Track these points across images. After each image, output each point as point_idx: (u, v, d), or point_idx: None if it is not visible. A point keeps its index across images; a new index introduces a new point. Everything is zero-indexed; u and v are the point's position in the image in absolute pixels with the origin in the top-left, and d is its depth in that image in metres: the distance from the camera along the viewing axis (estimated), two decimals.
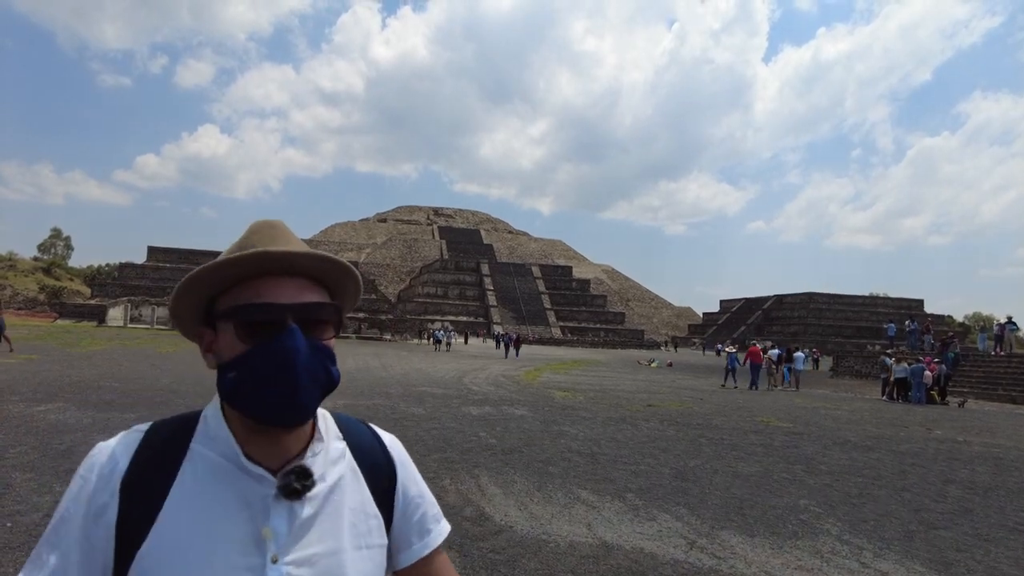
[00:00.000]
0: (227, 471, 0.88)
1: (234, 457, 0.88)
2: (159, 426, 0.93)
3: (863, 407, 17.51)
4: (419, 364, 25.38)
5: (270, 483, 0.88)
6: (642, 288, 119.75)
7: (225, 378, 0.87)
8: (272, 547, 0.85)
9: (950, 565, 4.89)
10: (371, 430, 1.09)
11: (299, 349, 0.85)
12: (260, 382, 0.85)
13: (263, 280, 0.88)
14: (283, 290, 0.88)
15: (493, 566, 4.34)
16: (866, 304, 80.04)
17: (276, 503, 0.87)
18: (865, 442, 10.70)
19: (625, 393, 17.76)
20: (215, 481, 0.87)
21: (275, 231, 0.93)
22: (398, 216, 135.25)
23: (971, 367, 26.54)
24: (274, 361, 0.85)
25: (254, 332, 0.86)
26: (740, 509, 6.10)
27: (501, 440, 9.01)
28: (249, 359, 0.85)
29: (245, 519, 0.86)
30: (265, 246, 0.88)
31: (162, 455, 0.89)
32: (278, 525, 0.87)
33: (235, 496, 0.87)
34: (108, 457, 0.88)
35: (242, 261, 0.86)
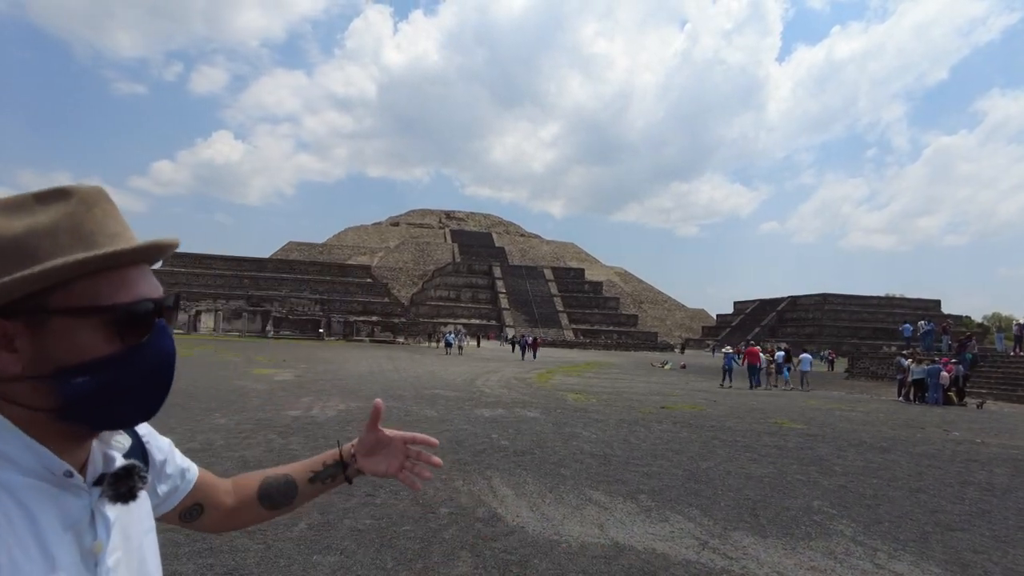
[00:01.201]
0: (42, 492, 0.74)
1: (47, 474, 0.74)
2: None
3: (879, 408, 17.33)
4: (431, 367, 25.46)
5: (85, 492, 0.78)
6: (655, 290, 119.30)
7: (68, 384, 0.73)
8: (103, 559, 0.77)
9: (967, 567, 4.84)
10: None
11: (171, 348, 0.81)
12: (136, 386, 0.77)
13: (128, 271, 0.78)
14: (148, 281, 0.79)
15: (505, 566, 4.36)
16: (881, 305, 79.16)
17: (98, 512, 0.79)
18: (881, 443, 10.60)
19: (638, 395, 17.71)
20: (37, 506, 0.72)
21: (114, 207, 0.81)
22: (410, 220, 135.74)
23: (989, 368, 26.17)
24: (157, 363, 0.78)
25: (132, 331, 0.76)
26: (753, 510, 6.08)
27: (513, 442, 9.02)
28: (122, 361, 0.75)
29: (71, 540, 0.75)
30: (119, 230, 0.78)
31: None
32: (103, 534, 0.78)
33: (58, 518, 0.74)
34: None
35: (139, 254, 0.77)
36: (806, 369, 25.43)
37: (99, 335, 0.74)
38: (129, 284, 0.76)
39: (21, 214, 0.74)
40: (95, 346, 0.74)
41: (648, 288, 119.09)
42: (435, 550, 4.59)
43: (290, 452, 7.63)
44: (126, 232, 0.79)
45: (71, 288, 0.73)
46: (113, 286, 0.75)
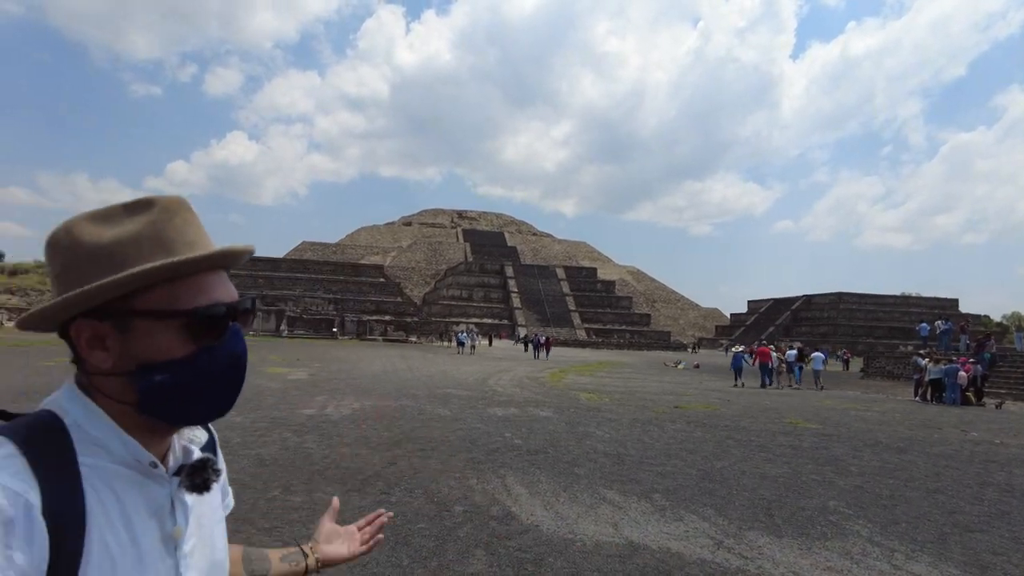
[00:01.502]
0: (130, 479, 0.81)
1: (135, 464, 0.81)
2: (27, 442, 0.75)
3: (895, 408, 17.15)
4: (444, 366, 25.52)
5: (169, 482, 0.85)
6: (668, 289, 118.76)
7: (149, 381, 0.79)
8: (182, 543, 0.85)
9: (986, 568, 4.80)
10: None
11: (245, 349, 0.87)
12: (208, 385, 0.83)
13: (208, 276, 0.84)
14: (223, 286, 0.85)
15: (520, 564, 4.37)
16: (897, 304, 78.31)
17: (178, 500, 0.86)
18: (897, 443, 10.50)
19: (651, 395, 17.66)
20: (125, 491, 0.80)
21: (194, 216, 0.87)
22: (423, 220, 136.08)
23: (1009, 367, 25.81)
24: (228, 364, 0.84)
25: (206, 332, 0.82)
26: (768, 510, 6.05)
27: (526, 441, 9.04)
28: (196, 361, 0.81)
29: (155, 523, 0.82)
30: (197, 238, 0.84)
31: (58, 474, 0.74)
32: (182, 521, 0.86)
33: (145, 504, 0.81)
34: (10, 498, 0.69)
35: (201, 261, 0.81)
36: (819, 368, 25.28)
37: (176, 336, 0.81)
38: (205, 289, 0.83)
39: (110, 224, 0.82)
40: (172, 347, 0.80)
41: (661, 287, 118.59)
42: (450, 548, 4.62)
43: (305, 450, 7.69)
44: (203, 239, 0.85)
45: (153, 292, 0.80)
46: (190, 291, 0.81)
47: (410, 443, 8.44)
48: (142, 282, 0.78)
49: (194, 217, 0.87)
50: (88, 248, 0.80)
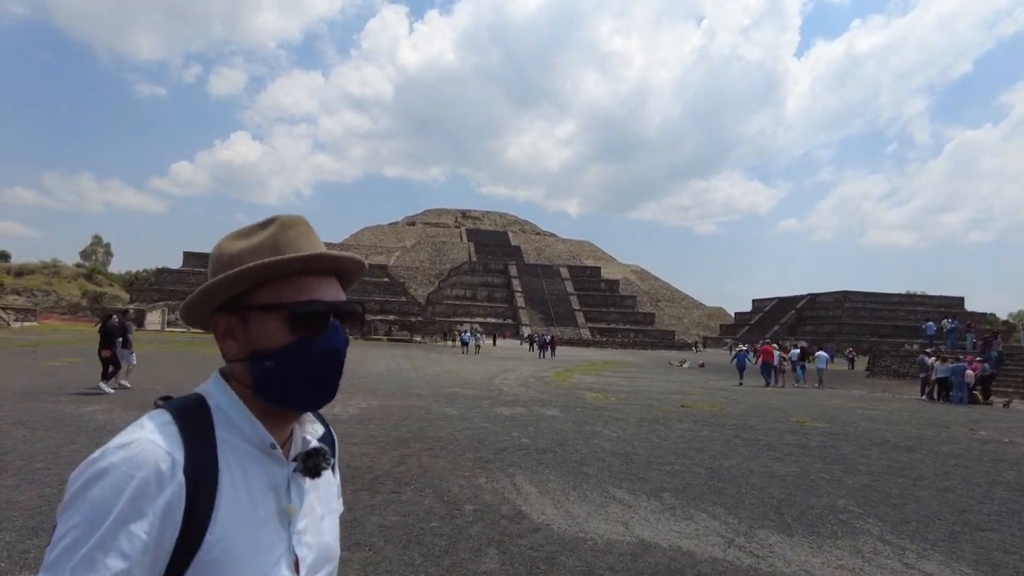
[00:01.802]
0: (254, 456, 0.95)
1: (262, 444, 0.96)
2: (178, 415, 0.93)
3: (902, 407, 17.11)
4: (449, 365, 25.55)
5: (286, 463, 0.99)
6: (672, 288, 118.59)
7: (260, 366, 0.95)
8: (295, 520, 0.97)
9: (998, 567, 4.79)
10: (319, 413, 1.22)
11: (342, 343, 0.99)
12: (306, 372, 0.95)
13: (309, 278, 0.98)
14: (327, 289, 1.00)
15: (533, 563, 4.38)
16: (902, 303, 78.02)
17: (294, 482, 0.99)
18: (905, 442, 10.48)
19: (657, 394, 17.66)
20: (250, 466, 0.95)
21: (308, 229, 1.02)
22: (426, 219, 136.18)
23: (1016, 366, 25.71)
24: (323, 355, 0.96)
25: (305, 326, 0.96)
26: (777, 509, 6.05)
27: (534, 440, 9.05)
28: (295, 350, 0.95)
29: (272, 499, 0.95)
30: (307, 247, 0.98)
31: (202, 445, 0.91)
32: (296, 500, 0.99)
33: (265, 479, 0.95)
34: (160, 453, 0.85)
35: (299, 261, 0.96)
36: (822, 367, 25.38)
37: (280, 328, 0.96)
38: (307, 288, 0.98)
39: (244, 238, 1.01)
40: (277, 336, 0.95)
41: (665, 286, 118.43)
42: (462, 547, 4.63)
43: None
44: (312, 248, 0.99)
45: (265, 289, 0.97)
46: (293, 289, 0.97)
47: (418, 442, 8.46)
48: (250, 278, 0.95)
49: (309, 230, 1.02)
50: (224, 257, 0.99)
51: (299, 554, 0.96)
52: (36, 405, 10.08)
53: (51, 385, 12.78)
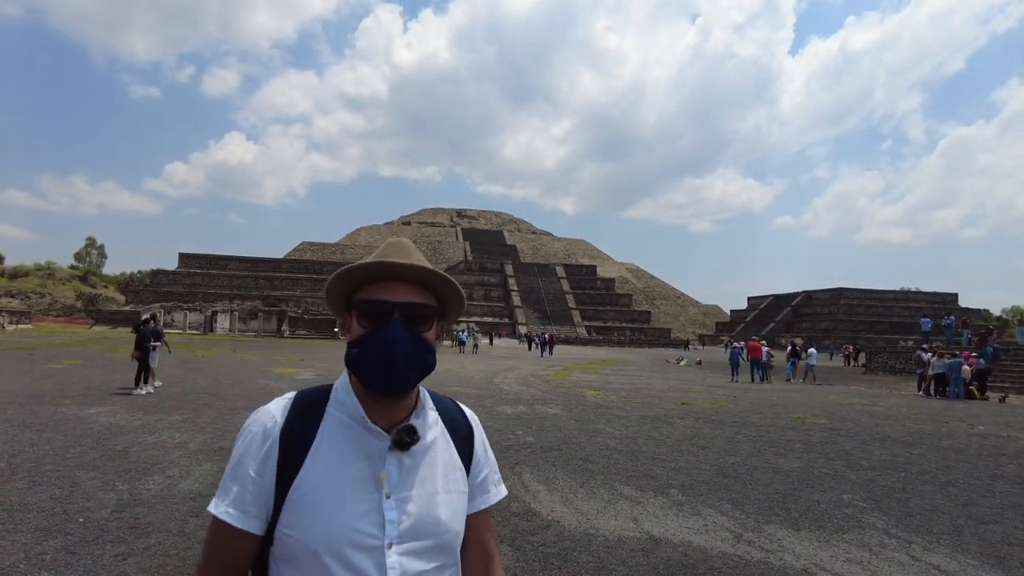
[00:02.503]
0: (353, 429, 1.17)
1: (359, 418, 1.17)
2: (302, 394, 1.24)
3: (900, 403, 17.23)
4: (448, 364, 25.57)
5: (385, 438, 1.16)
6: (668, 286, 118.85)
7: (350, 352, 1.17)
8: (386, 486, 1.14)
9: (1003, 559, 4.86)
10: (456, 404, 1.40)
11: (397, 337, 1.14)
12: (370, 359, 1.14)
13: (384, 283, 1.18)
14: (395, 292, 1.17)
15: (546, 559, 4.43)
16: (898, 299, 78.40)
17: (389, 454, 1.16)
18: (905, 438, 10.57)
19: (657, 392, 17.73)
20: (345, 436, 1.16)
21: (400, 248, 1.22)
22: (422, 219, 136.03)
23: (1011, 361, 25.92)
24: (380, 344, 1.14)
25: (370, 321, 1.17)
26: (784, 504, 6.11)
27: (539, 438, 9.10)
28: (364, 340, 1.16)
29: (366, 465, 1.15)
30: (392, 259, 1.17)
31: (307, 415, 1.19)
32: (391, 470, 1.15)
33: (359, 448, 1.16)
34: (269, 417, 1.18)
35: (362, 268, 1.17)
36: (813, 364, 26.21)
37: (358, 322, 1.19)
38: (378, 291, 1.18)
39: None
40: (355, 329, 1.19)
41: (660, 284, 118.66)
42: None
43: None
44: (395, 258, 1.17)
45: (361, 290, 1.21)
46: (370, 291, 1.19)
47: None
48: (338, 281, 1.21)
49: (400, 247, 1.22)
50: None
51: (389, 516, 1.12)
52: (40, 408, 10.07)
53: (53, 387, 12.76)
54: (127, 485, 5.89)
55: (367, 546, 1.09)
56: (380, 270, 1.17)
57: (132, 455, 7.09)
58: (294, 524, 1.10)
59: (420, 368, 1.17)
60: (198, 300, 60.79)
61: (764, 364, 24.76)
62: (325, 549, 1.08)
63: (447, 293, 1.24)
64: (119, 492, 5.65)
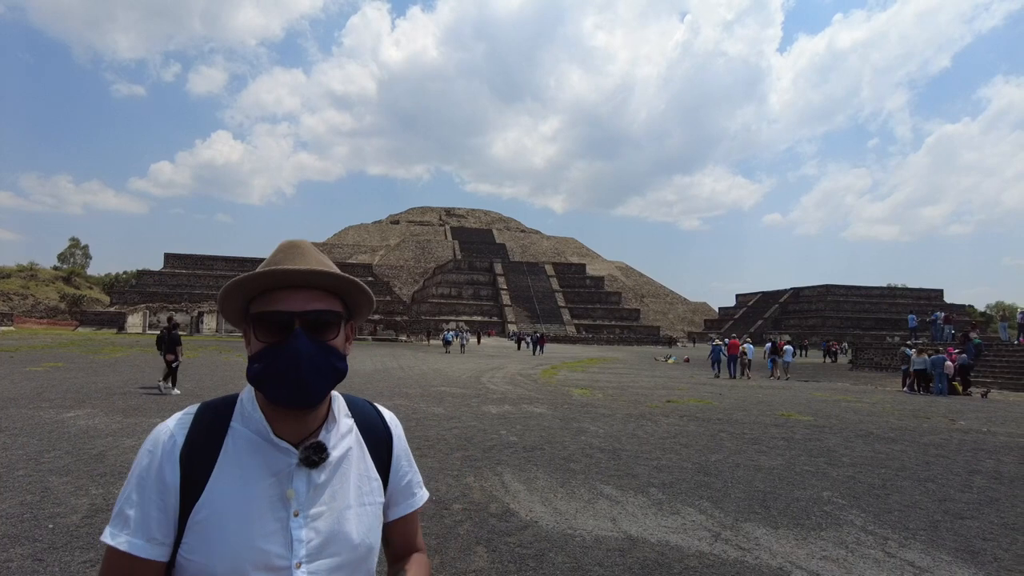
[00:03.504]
0: (259, 445, 1.11)
1: (264, 434, 1.11)
2: (205, 407, 1.16)
3: (884, 399, 17.36)
4: (436, 364, 25.51)
5: (293, 454, 1.11)
6: (656, 284, 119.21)
7: (251, 367, 1.11)
8: (294, 504, 1.09)
9: (976, 554, 4.88)
10: (375, 408, 1.34)
11: (300, 348, 1.08)
12: (273, 374, 1.08)
13: (280, 292, 1.12)
14: (293, 300, 1.11)
15: (521, 560, 4.40)
16: (884, 296, 79.08)
17: (298, 470, 1.11)
18: (888, 434, 10.64)
19: (643, 390, 17.76)
20: (250, 453, 1.11)
21: (295, 251, 1.14)
22: (410, 218, 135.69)
23: (994, 357, 26.18)
24: (282, 358, 1.07)
25: (269, 334, 1.10)
26: (763, 502, 6.12)
27: (522, 438, 9.07)
28: (264, 355, 1.09)
29: (273, 483, 1.09)
30: (287, 264, 1.10)
31: (209, 431, 1.12)
32: (299, 487, 1.11)
33: (265, 465, 1.10)
34: (168, 435, 1.11)
35: (254, 279, 1.09)
36: (789, 360, 27.53)
37: (255, 336, 1.12)
38: (272, 301, 1.11)
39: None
40: (255, 343, 1.12)
41: (649, 282, 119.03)
42: (451, 545, 4.64)
43: None
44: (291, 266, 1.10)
45: (256, 300, 1.13)
46: (265, 301, 1.12)
47: None
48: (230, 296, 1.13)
49: (295, 252, 1.14)
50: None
51: (297, 535, 1.08)
52: (17, 411, 9.92)
53: (33, 391, 12.59)
54: (101, 490, 5.79)
55: (274, 567, 1.05)
56: (274, 279, 1.10)
57: (108, 459, 6.99)
58: (196, 548, 1.05)
59: (329, 378, 1.12)
60: (184, 301, 60.28)
61: (745, 360, 26.20)
62: (229, 573, 1.03)
63: (351, 293, 1.18)
64: (92, 497, 5.56)
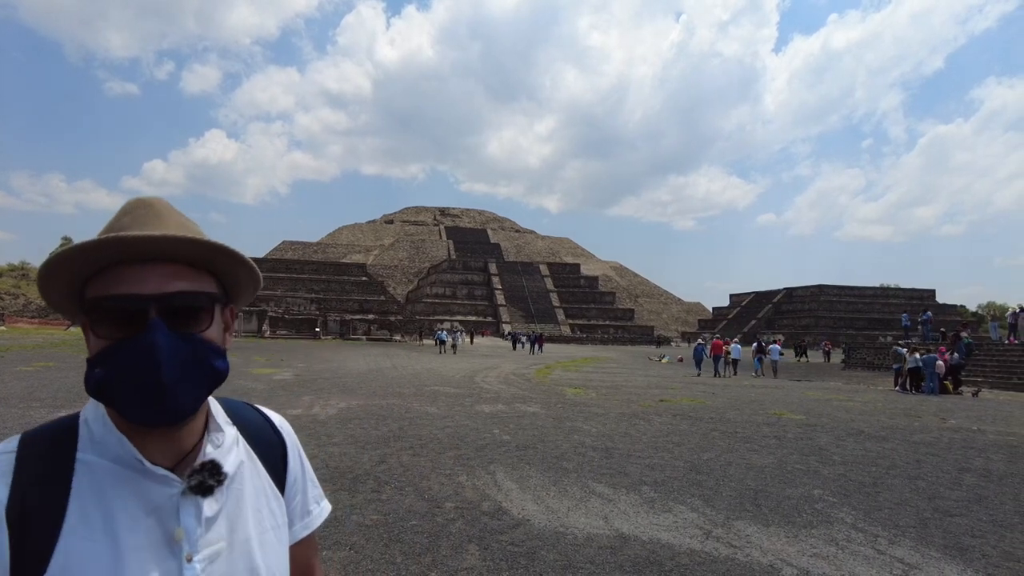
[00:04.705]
0: (124, 477, 0.81)
1: (131, 461, 0.81)
2: (29, 441, 0.82)
3: (876, 398, 17.45)
4: (430, 364, 25.49)
5: (175, 483, 0.82)
6: (651, 284, 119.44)
7: (91, 374, 0.79)
8: (186, 547, 0.81)
9: (965, 551, 4.92)
10: (259, 412, 1.07)
11: (159, 345, 0.77)
12: (123, 382, 0.77)
13: (127, 268, 0.79)
14: (147, 279, 0.79)
15: (513, 558, 4.41)
16: (876, 296, 79.40)
17: (183, 501, 0.82)
18: (879, 432, 10.70)
19: (637, 389, 17.80)
20: (114, 490, 0.80)
21: (147, 211, 0.82)
22: (405, 217, 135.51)
23: (985, 356, 26.36)
24: (134, 359, 0.77)
25: (114, 327, 0.79)
26: (755, 500, 6.15)
27: (515, 436, 9.08)
28: (109, 356, 0.78)
29: (153, 524, 0.80)
30: (134, 229, 0.78)
31: (45, 473, 0.79)
32: (188, 524, 0.82)
33: (138, 502, 0.80)
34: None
35: (92, 247, 0.76)
36: (776, 359, 27.75)
37: (96, 328, 0.80)
38: (117, 281, 0.79)
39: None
40: (94, 340, 0.80)
41: (643, 282, 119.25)
42: (443, 544, 4.65)
43: None
44: (141, 231, 0.78)
45: (93, 281, 0.80)
46: (105, 283, 0.80)
47: (399, 441, 8.44)
48: (55, 273, 0.79)
49: (149, 213, 0.82)
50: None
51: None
52: (7, 411, 9.86)
53: (24, 391, 12.51)
54: None
55: None
56: (117, 249, 0.77)
57: None
58: None
59: (203, 382, 0.82)
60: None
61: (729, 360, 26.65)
62: None
63: (228, 267, 0.87)
64: None
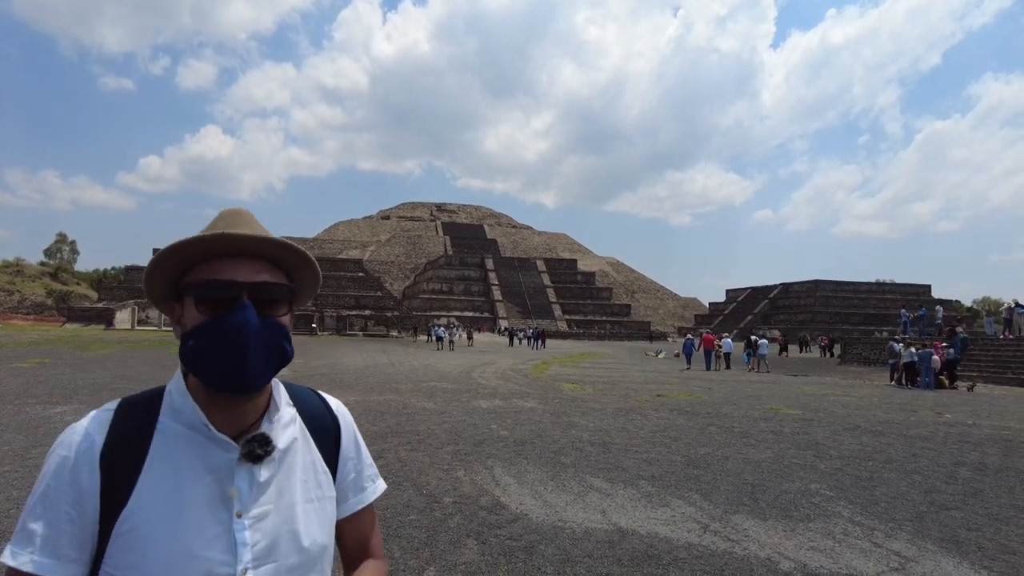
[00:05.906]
0: (194, 440, 0.99)
1: (200, 427, 0.99)
2: (126, 404, 1.03)
3: (872, 393, 17.51)
4: (427, 360, 25.49)
5: (232, 448, 1.00)
6: (647, 279, 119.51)
7: (186, 345, 0.98)
8: (236, 504, 0.98)
9: (961, 544, 4.95)
10: (319, 396, 1.23)
11: (249, 323, 0.96)
12: (214, 351, 0.96)
13: (224, 260, 0.99)
14: (240, 270, 0.99)
15: (511, 552, 4.42)
16: (872, 291, 79.64)
17: (239, 466, 0.99)
18: (875, 427, 10.74)
19: (634, 384, 17.83)
20: (184, 450, 0.98)
21: (239, 218, 1.04)
22: (401, 213, 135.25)
23: (980, 351, 26.46)
24: (227, 333, 0.95)
25: (212, 306, 0.98)
26: (752, 494, 6.17)
27: (512, 432, 9.09)
28: (205, 329, 0.97)
29: (212, 481, 0.98)
30: (233, 230, 0.99)
31: (133, 430, 0.99)
32: (241, 486, 0.99)
33: (202, 462, 0.98)
34: (83, 436, 0.98)
35: (201, 241, 0.97)
36: (764, 353, 28.09)
37: (195, 308, 0.99)
38: (217, 269, 0.99)
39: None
40: (193, 316, 0.99)
41: (640, 277, 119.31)
42: (441, 538, 4.65)
43: None
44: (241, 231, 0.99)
45: (193, 271, 1.01)
46: (207, 270, 1.00)
47: (396, 437, 8.44)
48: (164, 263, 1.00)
49: (239, 219, 1.04)
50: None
51: (241, 538, 0.96)
52: (3, 407, 9.83)
53: (19, 387, 12.48)
54: None
55: (218, 575, 0.94)
56: (222, 244, 0.98)
57: None
58: (124, 563, 0.92)
59: (276, 359, 1.01)
60: None
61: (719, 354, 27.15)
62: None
63: (300, 269, 1.08)
64: None
